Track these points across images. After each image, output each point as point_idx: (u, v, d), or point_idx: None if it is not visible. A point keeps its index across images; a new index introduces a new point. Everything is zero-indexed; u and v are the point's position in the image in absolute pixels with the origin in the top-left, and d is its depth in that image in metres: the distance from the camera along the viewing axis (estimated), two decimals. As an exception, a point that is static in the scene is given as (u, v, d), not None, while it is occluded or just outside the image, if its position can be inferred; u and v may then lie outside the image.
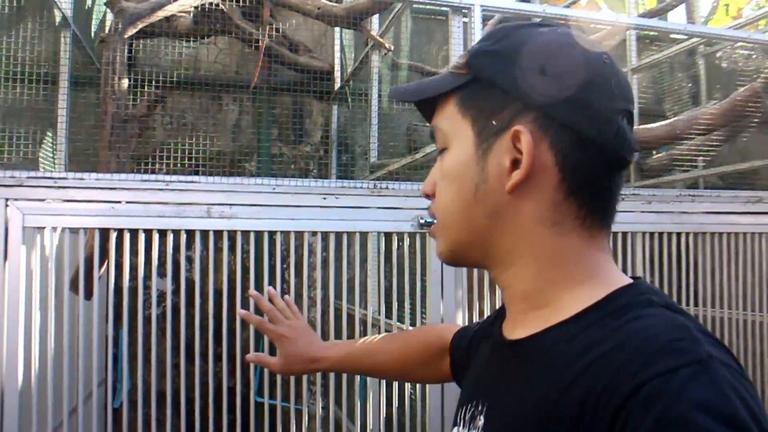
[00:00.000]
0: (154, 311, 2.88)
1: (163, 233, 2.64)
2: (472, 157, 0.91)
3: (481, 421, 0.93)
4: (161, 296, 4.88)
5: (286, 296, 1.64)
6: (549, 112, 0.87)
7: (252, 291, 1.62)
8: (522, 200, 0.89)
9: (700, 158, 5.33)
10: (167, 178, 2.63)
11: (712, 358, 0.71)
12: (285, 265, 4.30)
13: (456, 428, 1.03)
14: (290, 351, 1.54)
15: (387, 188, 2.87)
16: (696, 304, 3.57)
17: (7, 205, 2.50)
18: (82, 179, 2.56)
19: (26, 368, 2.51)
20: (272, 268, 2.96)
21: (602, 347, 0.77)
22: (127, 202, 2.59)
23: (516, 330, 0.95)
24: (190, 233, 2.67)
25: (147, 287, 4.38)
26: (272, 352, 1.63)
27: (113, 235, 2.62)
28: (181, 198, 2.63)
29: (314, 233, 2.82)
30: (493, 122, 0.89)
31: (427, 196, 1.01)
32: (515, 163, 0.88)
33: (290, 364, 1.55)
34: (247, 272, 2.91)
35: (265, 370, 2.95)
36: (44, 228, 2.54)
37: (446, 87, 0.95)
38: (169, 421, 2.74)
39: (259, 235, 2.77)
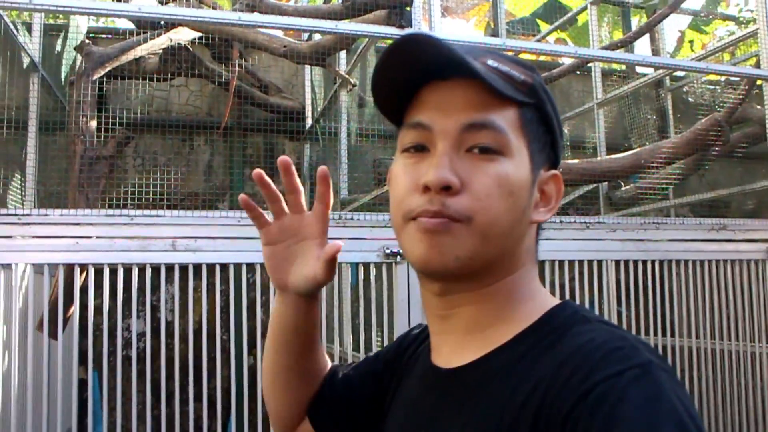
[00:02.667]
0: (125, 352, 2.86)
1: (127, 268, 2.64)
2: (529, 181, 0.92)
3: None
4: (137, 336, 4.85)
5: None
6: (557, 161, 0.99)
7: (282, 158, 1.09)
8: (529, 232, 0.95)
9: (670, 189, 5.42)
10: (132, 212, 2.65)
11: (651, 363, 0.75)
12: (263, 299, 4.29)
13: None
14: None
15: (353, 219, 2.90)
16: (663, 334, 3.60)
17: (-29, 243, 2.50)
18: (46, 215, 2.57)
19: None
20: (251, 303, 2.95)
21: (547, 365, 0.80)
22: (93, 237, 2.60)
23: (453, 356, 0.94)
24: (155, 268, 2.67)
25: (118, 328, 4.34)
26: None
27: (77, 271, 2.62)
28: (146, 232, 2.65)
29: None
30: (540, 156, 0.94)
31: (448, 189, 0.87)
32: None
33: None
34: (224, 311, 2.90)
35: (244, 410, 2.93)
36: (9, 264, 2.54)
37: (511, 93, 0.89)
38: None
39: (226, 268, 2.78)
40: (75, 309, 2.75)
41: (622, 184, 5.28)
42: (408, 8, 3.47)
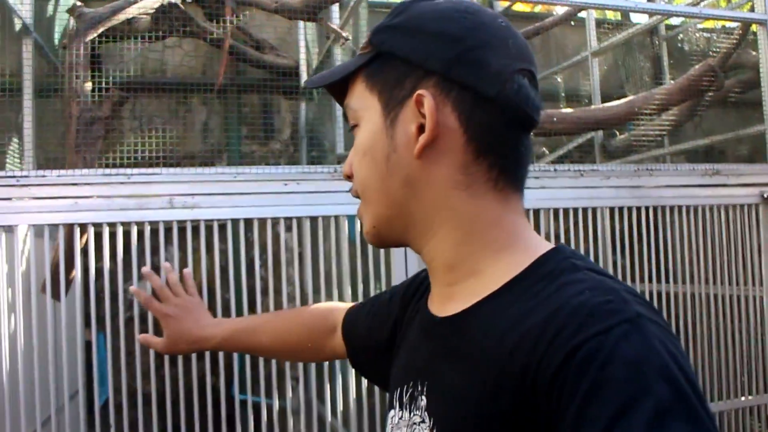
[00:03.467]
0: (128, 313, 2.90)
1: (126, 227, 2.67)
2: (381, 129, 0.92)
3: (423, 401, 0.92)
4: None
5: (185, 269, 1.61)
6: (448, 75, 0.88)
7: (144, 269, 1.54)
8: (432, 165, 0.90)
9: (665, 137, 5.43)
10: (129, 171, 2.68)
11: (641, 316, 0.74)
12: (262, 261, 4.34)
13: (392, 411, 1.02)
14: (174, 330, 1.48)
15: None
16: (658, 280, 3.63)
17: (-30, 206, 2.53)
18: (44, 176, 2.60)
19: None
20: (250, 262, 2.99)
21: (535, 316, 0.79)
22: (92, 197, 2.63)
23: (445, 306, 0.95)
24: (153, 228, 2.71)
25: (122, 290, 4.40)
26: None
27: (77, 232, 2.66)
28: (143, 190, 2.68)
29: (277, 219, 2.86)
30: (398, 92, 0.91)
31: (348, 178, 1.00)
32: (421, 129, 0.89)
33: (174, 344, 1.49)
34: (224, 270, 2.93)
35: (247, 367, 2.99)
36: (10, 226, 2.58)
37: (352, 66, 0.97)
38: (156, 423, 2.77)
39: (224, 225, 2.81)
40: (77, 271, 2.79)
41: (617, 133, 5.29)
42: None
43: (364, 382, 3.08)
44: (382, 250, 3.06)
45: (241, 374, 3.94)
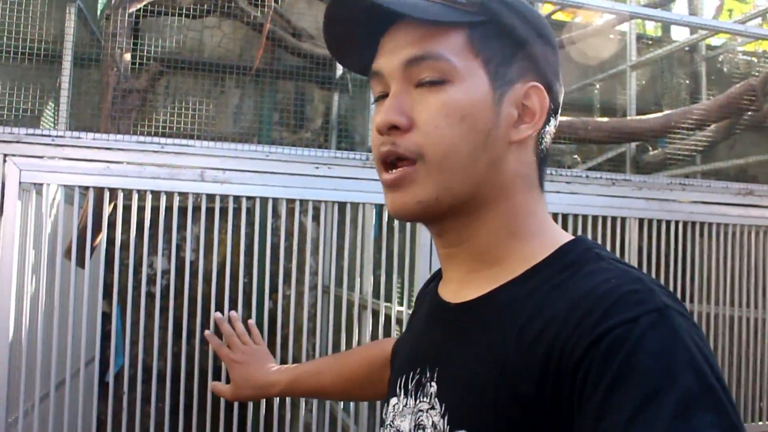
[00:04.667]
0: (148, 288, 2.91)
1: (156, 194, 2.68)
2: (489, 100, 0.88)
3: (432, 388, 0.91)
4: (161, 274, 4.94)
5: (250, 321, 1.67)
6: (548, 78, 0.93)
7: (216, 314, 1.63)
8: (516, 154, 0.91)
9: (697, 156, 5.38)
10: (162, 140, 2.68)
11: (668, 307, 0.73)
12: (286, 244, 4.35)
13: (395, 399, 1.00)
14: (240, 376, 1.54)
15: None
16: (683, 298, 3.58)
17: (4, 161, 2.55)
18: (79, 138, 2.62)
19: (16, 329, 2.55)
20: (274, 247, 2.98)
21: (560, 303, 0.78)
22: (124, 163, 2.64)
23: (461, 291, 0.94)
24: (182, 205, 2.72)
25: (145, 263, 4.42)
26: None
27: (106, 198, 2.68)
28: (175, 161, 2.68)
29: (305, 202, 2.86)
30: (506, 71, 0.89)
31: (395, 128, 0.88)
32: (519, 117, 0.91)
33: (240, 389, 1.55)
34: (249, 251, 2.93)
35: None
36: (41, 184, 2.59)
37: (454, 17, 0.88)
38: (168, 399, 2.78)
39: (253, 201, 2.81)
40: (102, 238, 2.80)
41: (650, 148, 5.25)
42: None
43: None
44: (408, 242, 3.04)
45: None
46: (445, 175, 0.87)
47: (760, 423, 3.62)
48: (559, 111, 0.97)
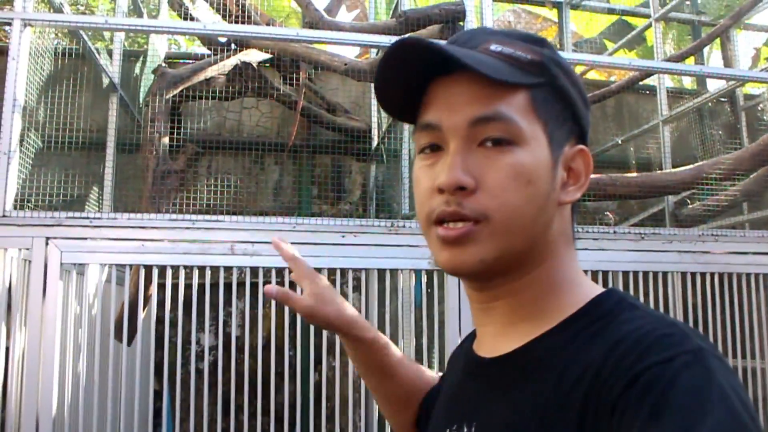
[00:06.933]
0: (196, 365, 3.00)
1: (188, 269, 2.79)
2: (549, 164, 0.89)
3: None
4: (208, 350, 5.03)
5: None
6: (587, 139, 0.96)
7: (274, 239, 1.29)
8: (561, 214, 0.93)
9: (743, 205, 5.30)
10: (193, 217, 2.81)
11: (702, 349, 0.73)
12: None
13: None
14: (320, 291, 1.24)
15: (404, 227, 2.98)
16: (725, 354, 3.51)
17: (47, 244, 2.69)
18: (115, 218, 2.75)
19: (59, 406, 2.65)
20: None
21: (597, 349, 0.79)
22: (157, 240, 2.77)
23: (497, 346, 0.94)
24: (214, 270, 2.82)
25: (189, 341, 4.53)
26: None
27: (142, 273, 2.80)
28: (206, 236, 2.80)
29: (333, 270, 2.93)
30: (560, 134, 0.91)
31: (461, 189, 0.87)
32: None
33: (321, 306, 1.22)
34: (291, 327, 2.98)
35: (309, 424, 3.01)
36: (82, 264, 2.73)
37: (520, 79, 0.89)
38: None
39: (282, 273, 2.90)
40: (150, 319, 2.90)
41: (689, 201, 5.21)
42: (461, 23, 3.57)
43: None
44: (436, 308, 3.08)
45: None
46: (509, 237, 0.87)
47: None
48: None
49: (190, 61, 5.42)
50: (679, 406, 0.67)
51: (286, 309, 2.99)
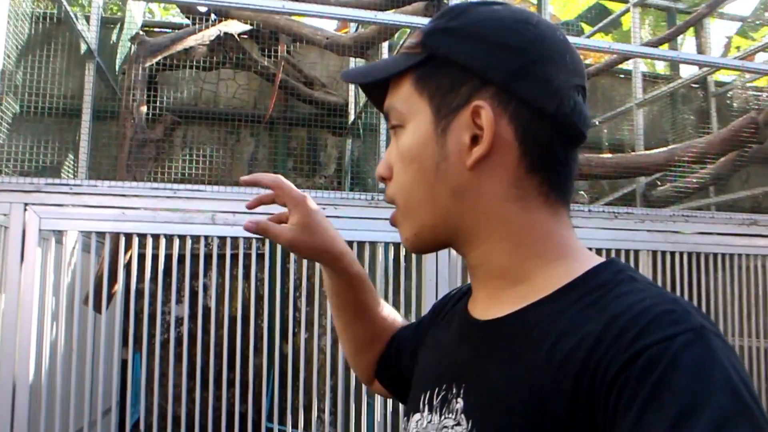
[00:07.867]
0: (163, 336, 3.00)
1: (169, 238, 2.79)
2: (431, 135, 0.89)
3: (458, 404, 0.90)
4: (177, 321, 5.03)
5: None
6: (508, 87, 0.86)
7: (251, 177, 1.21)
8: (484, 177, 0.88)
9: (710, 189, 5.41)
10: (175, 186, 2.80)
11: (704, 328, 0.72)
12: (297, 294, 4.43)
13: (418, 415, 0.99)
14: (307, 221, 1.17)
15: (384, 200, 3.00)
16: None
17: (25, 210, 2.68)
18: (95, 186, 2.75)
19: (36, 372, 2.65)
20: (284, 296, 3.04)
21: (593, 322, 0.77)
22: (137, 209, 2.76)
23: (490, 309, 0.93)
24: (195, 239, 2.83)
25: (160, 312, 4.52)
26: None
27: (122, 242, 2.79)
28: (187, 205, 2.80)
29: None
30: (452, 99, 0.88)
31: (383, 179, 0.96)
32: (475, 140, 0.87)
33: (306, 235, 1.15)
34: (261, 300, 3.00)
35: (275, 398, 3.04)
36: (60, 231, 2.72)
37: (400, 66, 0.92)
38: None
39: (262, 255, 2.91)
40: (119, 288, 2.91)
41: (659, 183, 5.30)
42: (445, 0, 3.59)
43: (390, 414, 3.12)
44: (414, 281, 3.12)
45: (270, 403, 4.00)
46: (414, 215, 0.93)
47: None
48: (560, 104, 0.87)
49: (168, 30, 5.38)
50: (681, 387, 0.67)
51: (253, 281, 3.00)
